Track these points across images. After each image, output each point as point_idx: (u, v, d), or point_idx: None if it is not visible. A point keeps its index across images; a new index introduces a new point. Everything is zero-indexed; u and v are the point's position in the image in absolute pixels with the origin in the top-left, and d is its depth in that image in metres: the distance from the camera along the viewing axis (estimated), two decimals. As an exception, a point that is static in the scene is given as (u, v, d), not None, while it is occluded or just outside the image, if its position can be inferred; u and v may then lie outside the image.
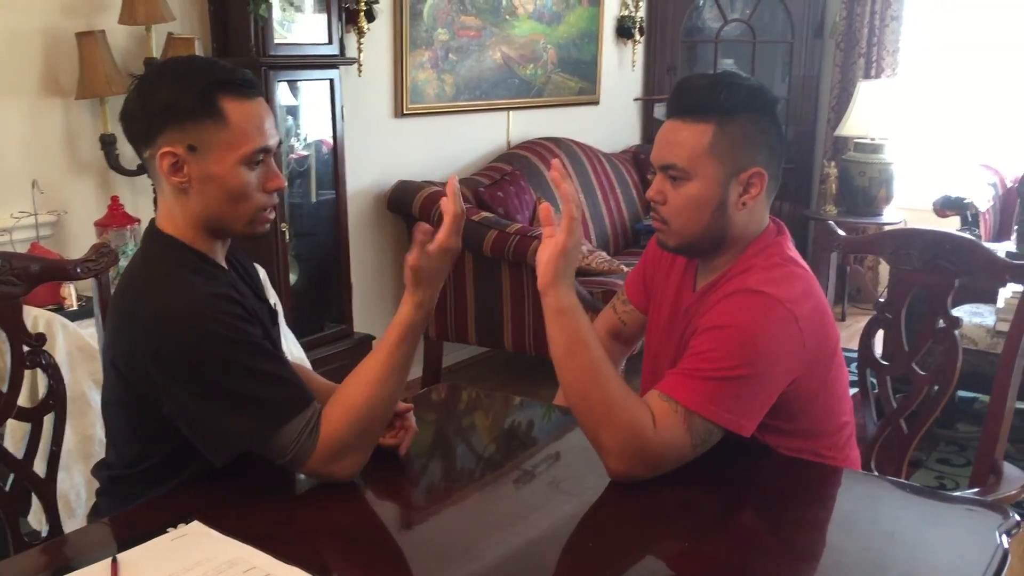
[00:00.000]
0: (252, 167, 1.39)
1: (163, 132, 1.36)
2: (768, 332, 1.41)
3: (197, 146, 1.36)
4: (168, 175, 1.37)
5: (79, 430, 2.37)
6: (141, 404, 1.38)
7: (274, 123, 1.42)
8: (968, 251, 1.77)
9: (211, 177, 1.37)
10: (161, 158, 1.36)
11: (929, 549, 1.27)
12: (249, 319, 1.36)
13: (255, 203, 1.40)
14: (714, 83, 1.49)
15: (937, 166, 5.16)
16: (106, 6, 2.85)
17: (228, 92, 1.36)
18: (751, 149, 1.49)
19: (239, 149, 1.37)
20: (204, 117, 1.35)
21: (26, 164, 2.73)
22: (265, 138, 1.39)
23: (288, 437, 1.31)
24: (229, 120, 1.36)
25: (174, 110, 1.35)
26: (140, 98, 1.38)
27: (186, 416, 1.33)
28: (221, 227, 1.42)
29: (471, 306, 3.83)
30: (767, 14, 5.59)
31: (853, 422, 1.61)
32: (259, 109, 1.40)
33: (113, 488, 1.48)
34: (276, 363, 1.36)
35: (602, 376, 1.38)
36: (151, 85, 1.38)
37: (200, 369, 1.30)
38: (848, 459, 1.59)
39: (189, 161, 1.36)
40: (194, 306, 1.31)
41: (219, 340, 1.30)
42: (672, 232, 1.53)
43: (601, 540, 1.28)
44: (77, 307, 2.50)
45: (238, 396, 1.31)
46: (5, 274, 1.58)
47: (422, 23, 3.96)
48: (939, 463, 3.31)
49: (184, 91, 1.35)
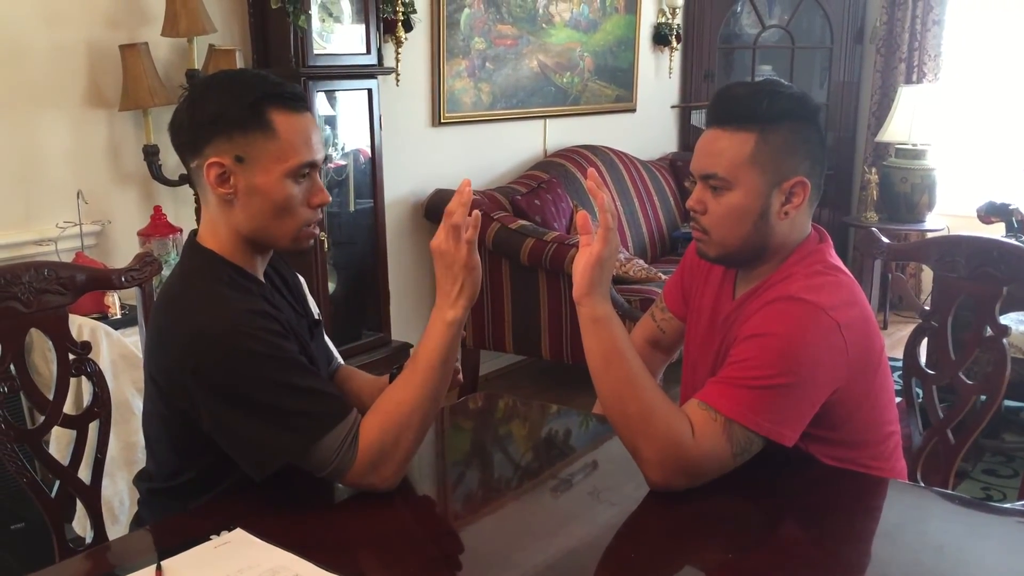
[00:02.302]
0: (298, 181, 1.40)
1: (211, 142, 1.37)
2: (809, 340, 1.39)
3: (244, 157, 1.37)
4: (215, 186, 1.38)
5: (122, 437, 2.40)
6: (179, 418, 1.38)
7: (320, 139, 1.43)
8: (1017, 258, 1.73)
9: (257, 189, 1.38)
10: (208, 168, 1.37)
11: (978, 563, 1.24)
12: (284, 334, 1.37)
13: (300, 217, 1.41)
14: (755, 91, 1.48)
15: (980, 171, 5.08)
16: (149, 19, 2.89)
17: (278, 105, 1.38)
18: (794, 158, 1.47)
19: (286, 162, 1.38)
20: (253, 129, 1.36)
21: (71, 175, 2.78)
22: (312, 152, 1.40)
23: (328, 449, 1.32)
24: (278, 132, 1.37)
25: (223, 121, 1.36)
26: (190, 108, 1.39)
27: (225, 432, 1.34)
28: (265, 241, 1.43)
29: (508, 314, 3.82)
30: (806, 20, 5.54)
31: (899, 431, 1.58)
32: (307, 123, 1.41)
33: (152, 500, 1.50)
34: (312, 377, 1.36)
35: (639, 386, 1.37)
36: (201, 96, 1.40)
37: (237, 386, 1.31)
38: (895, 470, 1.56)
39: (236, 172, 1.37)
40: (231, 324, 1.32)
41: (255, 357, 1.31)
42: (713, 242, 1.52)
43: (641, 550, 1.26)
44: (121, 316, 2.54)
45: (275, 411, 1.31)
46: (52, 283, 1.61)
47: (459, 32, 3.97)
48: (985, 474, 3.24)
49: (234, 102, 1.36)
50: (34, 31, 2.67)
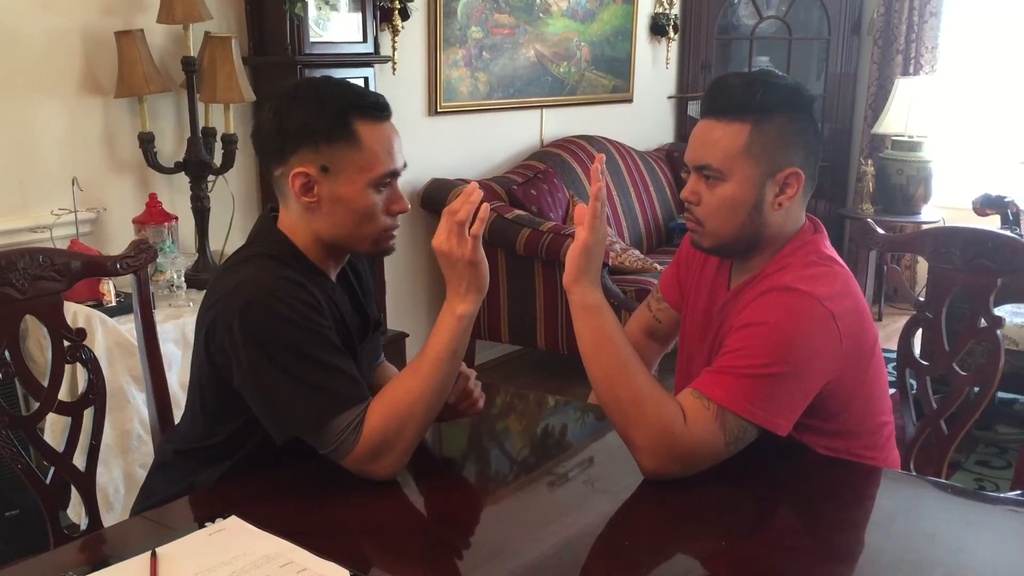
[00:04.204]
0: (380, 190, 1.43)
1: (297, 152, 1.40)
2: (804, 329, 1.39)
3: (330, 167, 1.40)
4: (299, 194, 1.41)
5: (117, 425, 2.40)
6: (216, 377, 1.42)
7: (400, 146, 1.46)
8: (1011, 250, 1.73)
9: (341, 199, 1.41)
10: (294, 178, 1.40)
11: (971, 551, 1.25)
12: (318, 308, 1.39)
13: (380, 225, 1.45)
14: (750, 82, 1.47)
15: (976, 164, 5.09)
16: (144, 6, 2.88)
17: (362, 115, 1.40)
18: (788, 149, 1.47)
19: (370, 172, 1.41)
20: (338, 139, 1.39)
21: (66, 162, 2.77)
22: (394, 162, 1.43)
23: (336, 429, 1.33)
24: (362, 143, 1.40)
25: (310, 131, 1.39)
26: (276, 118, 1.42)
27: (250, 388, 1.37)
28: (344, 246, 1.47)
29: (504, 304, 3.82)
30: (803, 11, 5.53)
31: (893, 422, 1.59)
32: (390, 132, 1.44)
33: (177, 461, 1.52)
34: (337, 356, 1.38)
35: (630, 373, 1.38)
36: (288, 105, 1.42)
37: (265, 345, 1.34)
38: (888, 459, 1.57)
39: (321, 182, 1.40)
40: (268, 286, 1.36)
41: (283, 320, 1.34)
42: (707, 233, 1.52)
43: (637, 539, 1.27)
44: (116, 303, 2.53)
45: (295, 378, 1.34)
46: (47, 270, 1.60)
47: (456, 21, 3.96)
48: (978, 465, 3.25)
49: (320, 113, 1.39)
50: (29, 17, 2.66)
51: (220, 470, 1.44)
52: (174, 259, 2.74)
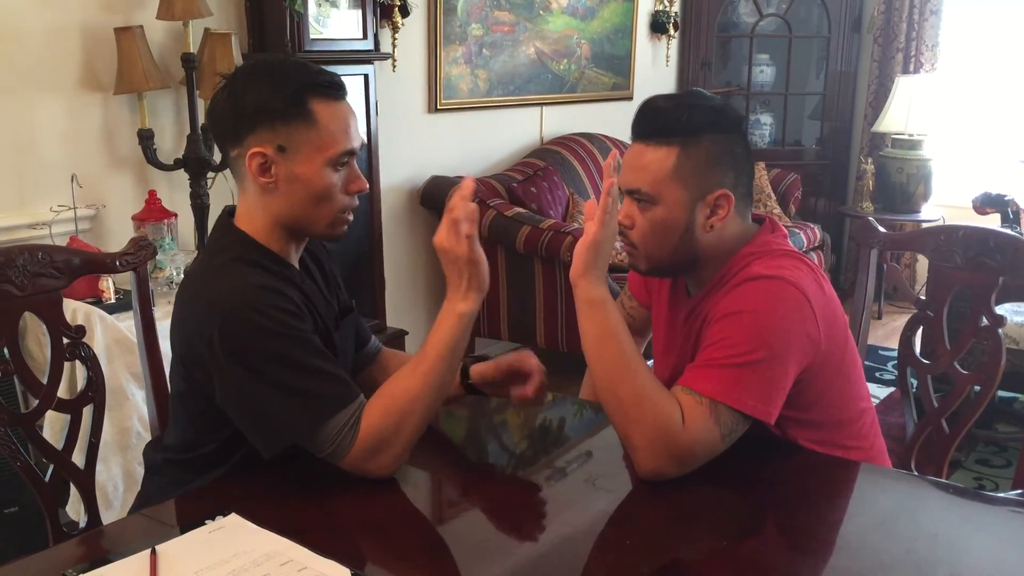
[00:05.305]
0: (337, 169, 1.41)
1: (253, 132, 1.38)
2: (782, 313, 1.41)
3: (287, 147, 1.38)
4: (256, 175, 1.40)
5: (116, 422, 2.39)
6: (197, 393, 1.40)
7: (357, 126, 1.45)
8: (1013, 248, 1.73)
9: (298, 178, 1.40)
10: (250, 158, 1.39)
11: (972, 552, 1.25)
12: (297, 313, 1.37)
13: (337, 204, 1.43)
14: (676, 105, 1.48)
15: (976, 162, 5.08)
16: (144, 2, 2.87)
17: (318, 94, 1.39)
18: (716, 171, 1.47)
19: (327, 151, 1.39)
20: (295, 118, 1.38)
21: (65, 158, 2.76)
22: (351, 141, 1.42)
23: (330, 432, 1.32)
24: (319, 122, 1.39)
25: (266, 111, 1.37)
26: (231, 98, 1.40)
27: (234, 406, 1.36)
28: (302, 227, 1.45)
29: (503, 302, 3.82)
30: (803, 9, 5.53)
31: (872, 408, 1.60)
32: (346, 112, 1.43)
33: (169, 469, 1.51)
34: (321, 358, 1.36)
35: (631, 370, 1.38)
36: (243, 86, 1.40)
37: (247, 360, 1.32)
38: (874, 447, 1.57)
39: (278, 162, 1.39)
40: (242, 298, 1.34)
41: (264, 332, 1.32)
42: (641, 256, 1.53)
43: (635, 536, 1.27)
44: (115, 300, 2.53)
45: (282, 388, 1.32)
46: (46, 267, 1.60)
47: (456, 18, 3.96)
48: (978, 464, 3.25)
49: (276, 92, 1.37)
50: (29, 13, 2.65)
51: (214, 475, 1.43)
52: (173, 256, 2.74)
